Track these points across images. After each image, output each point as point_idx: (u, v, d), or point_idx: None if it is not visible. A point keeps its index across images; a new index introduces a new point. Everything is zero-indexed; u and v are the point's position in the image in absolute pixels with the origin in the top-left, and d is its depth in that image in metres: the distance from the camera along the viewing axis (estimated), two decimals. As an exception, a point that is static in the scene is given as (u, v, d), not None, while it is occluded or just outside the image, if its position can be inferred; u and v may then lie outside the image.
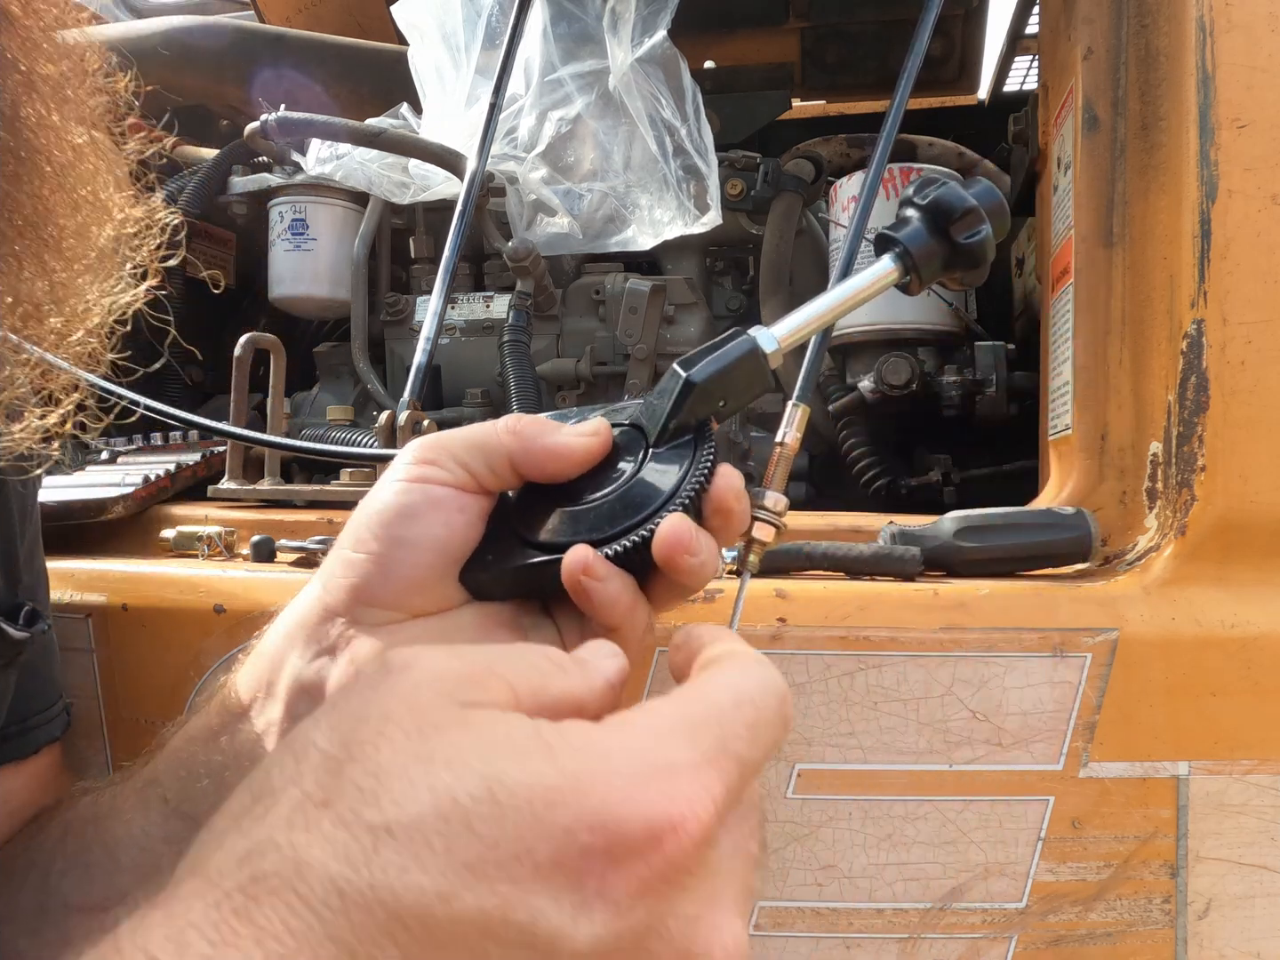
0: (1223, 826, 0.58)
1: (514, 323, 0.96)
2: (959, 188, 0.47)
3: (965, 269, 0.48)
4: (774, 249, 1.06)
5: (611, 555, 0.41)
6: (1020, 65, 1.61)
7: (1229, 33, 0.60)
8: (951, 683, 0.57)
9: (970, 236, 0.46)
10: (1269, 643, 0.58)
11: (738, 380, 0.44)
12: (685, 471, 0.42)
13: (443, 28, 0.97)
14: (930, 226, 0.47)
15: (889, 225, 0.48)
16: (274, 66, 1.21)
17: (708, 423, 0.44)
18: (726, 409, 0.44)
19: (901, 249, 0.47)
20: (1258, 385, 0.59)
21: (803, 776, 0.58)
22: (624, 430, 0.45)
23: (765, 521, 0.47)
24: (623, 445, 0.45)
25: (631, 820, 0.27)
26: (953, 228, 0.46)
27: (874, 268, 0.47)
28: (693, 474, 0.42)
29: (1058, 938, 0.58)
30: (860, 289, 0.47)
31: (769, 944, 0.58)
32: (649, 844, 0.27)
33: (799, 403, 0.49)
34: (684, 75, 0.95)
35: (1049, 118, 0.80)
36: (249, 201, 1.20)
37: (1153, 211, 0.65)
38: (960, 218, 0.46)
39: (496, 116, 0.70)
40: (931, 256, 0.47)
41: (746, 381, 0.45)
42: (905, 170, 0.99)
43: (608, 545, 0.41)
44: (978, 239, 0.46)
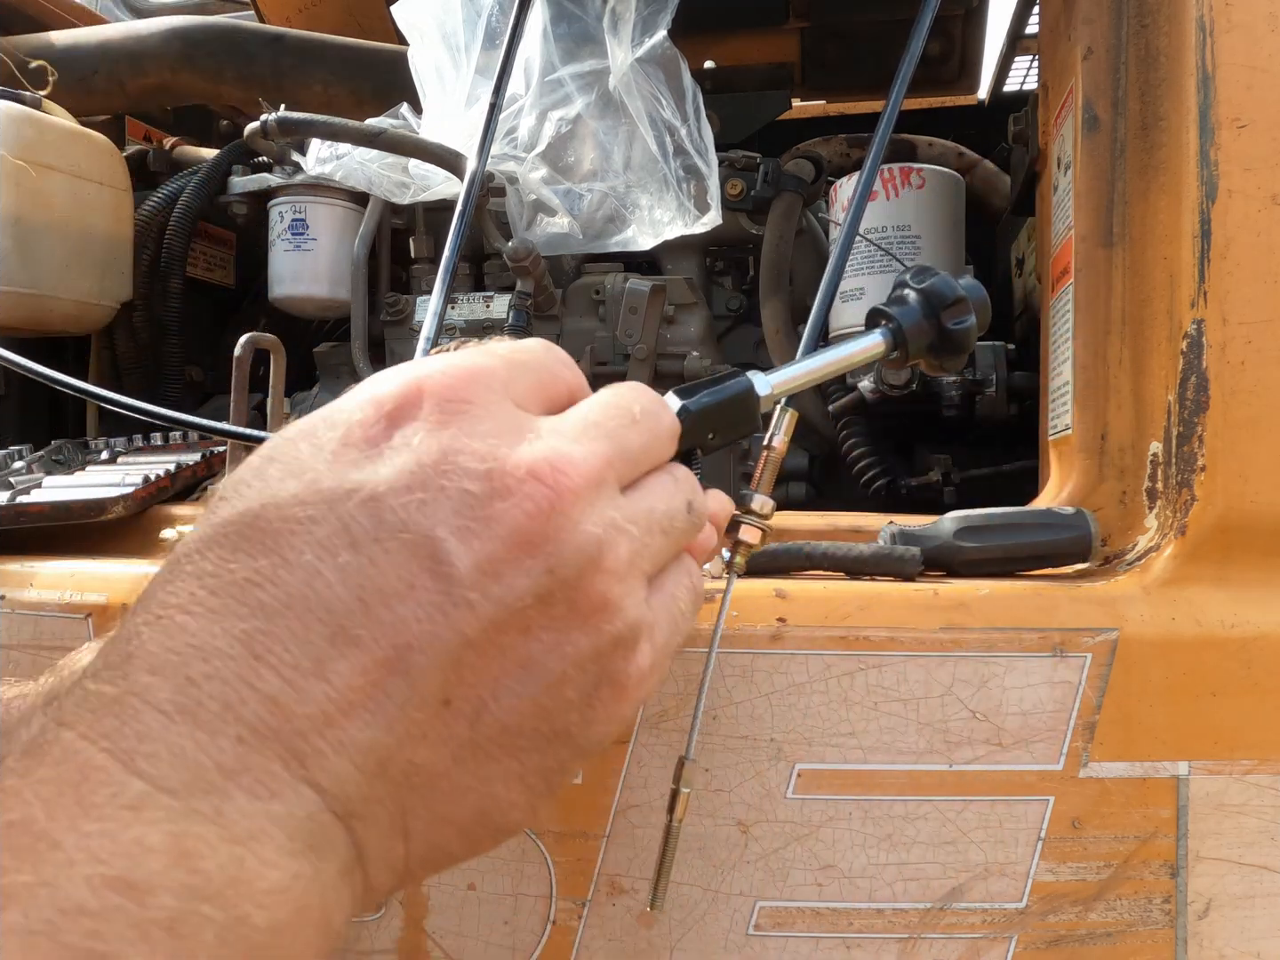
0: (1223, 826, 0.58)
1: (514, 323, 0.96)
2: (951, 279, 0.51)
3: (948, 354, 0.51)
4: (774, 249, 1.06)
5: None
6: (1020, 65, 1.61)
7: (1229, 33, 0.60)
8: (951, 683, 0.57)
9: (958, 324, 0.50)
10: (1269, 643, 0.58)
11: (729, 417, 0.46)
12: None
13: (443, 28, 0.97)
14: (924, 309, 0.51)
15: (885, 302, 0.52)
16: (274, 66, 1.21)
17: (695, 451, 0.45)
18: (713, 442, 0.46)
19: (895, 325, 0.51)
20: (1258, 385, 0.59)
21: (803, 776, 0.58)
22: None
23: (752, 525, 0.48)
24: None
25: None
26: (944, 313, 0.50)
27: (865, 339, 0.51)
28: None
29: (1058, 938, 0.58)
30: (851, 355, 0.51)
31: (769, 944, 0.58)
32: (411, 399, 0.29)
33: (788, 408, 0.51)
34: (684, 75, 0.95)
35: (1049, 118, 0.80)
36: (249, 201, 1.20)
37: (1153, 211, 0.65)
38: (951, 305, 0.50)
39: (496, 116, 0.70)
40: (920, 336, 0.51)
41: (736, 419, 0.47)
42: (905, 170, 0.99)
43: None
44: (964, 327, 0.50)
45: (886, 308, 0.52)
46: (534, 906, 0.59)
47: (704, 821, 0.58)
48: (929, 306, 0.51)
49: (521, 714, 0.28)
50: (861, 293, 1.00)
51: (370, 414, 0.29)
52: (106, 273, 1.10)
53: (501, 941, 0.59)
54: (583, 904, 0.59)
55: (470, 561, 0.27)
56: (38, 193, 1.00)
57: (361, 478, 0.27)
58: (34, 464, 0.88)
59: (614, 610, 0.30)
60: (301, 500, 0.27)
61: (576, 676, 0.29)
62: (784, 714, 0.58)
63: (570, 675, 0.29)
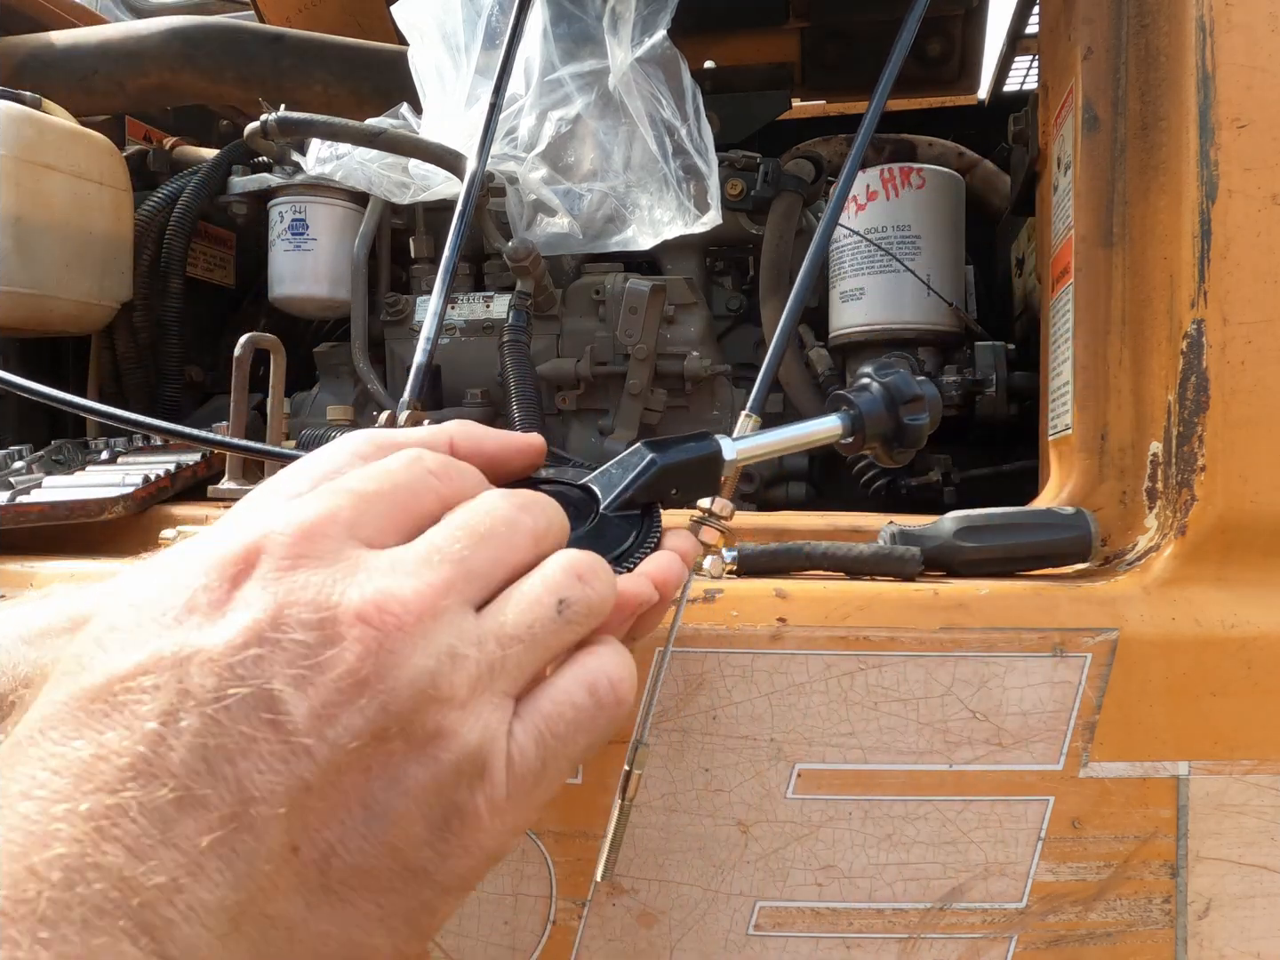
0: (1223, 826, 0.58)
1: (514, 323, 0.96)
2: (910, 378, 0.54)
3: (900, 446, 0.55)
4: (774, 249, 1.06)
5: None
6: (1020, 65, 1.61)
7: (1229, 33, 0.60)
8: (951, 683, 0.57)
9: (914, 419, 0.54)
10: (1269, 643, 0.58)
11: (694, 475, 0.49)
12: (636, 539, 0.44)
13: (443, 28, 0.97)
14: (884, 401, 0.54)
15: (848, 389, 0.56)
16: (274, 66, 1.21)
17: (656, 504, 0.47)
18: (675, 497, 0.48)
19: (855, 412, 0.54)
20: (1258, 385, 0.59)
21: (803, 776, 0.58)
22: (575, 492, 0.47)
23: (711, 526, 0.51)
24: (574, 504, 0.46)
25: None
26: (902, 408, 0.54)
27: (826, 421, 0.54)
28: (644, 542, 0.44)
29: (1058, 938, 0.58)
30: (810, 435, 0.54)
31: (769, 944, 0.58)
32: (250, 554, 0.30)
33: (751, 414, 0.54)
34: (684, 75, 0.95)
35: (1049, 118, 0.80)
36: (249, 201, 1.20)
37: (1153, 211, 0.65)
38: (909, 401, 0.54)
39: (496, 116, 0.70)
40: (877, 425, 0.54)
41: (700, 478, 0.49)
42: (905, 170, 0.99)
43: None
44: (919, 423, 0.54)
45: (849, 394, 0.55)
46: (534, 906, 0.59)
47: (704, 821, 0.58)
48: (889, 400, 0.54)
49: (371, 854, 0.28)
50: (861, 292, 1.00)
51: (214, 578, 0.30)
52: (106, 273, 1.10)
53: (501, 941, 0.59)
54: (583, 904, 0.59)
55: (306, 709, 0.27)
56: (38, 193, 1.00)
57: (202, 640, 0.28)
58: (34, 464, 0.88)
59: (450, 737, 0.29)
60: (144, 669, 0.28)
61: (421, 811, 0.29)
62: (784, 714, 0.58)
63: (414, 811, 0.29)
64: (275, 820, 0.26)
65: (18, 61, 1.22)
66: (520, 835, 0.34)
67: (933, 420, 0.55)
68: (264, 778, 0.26)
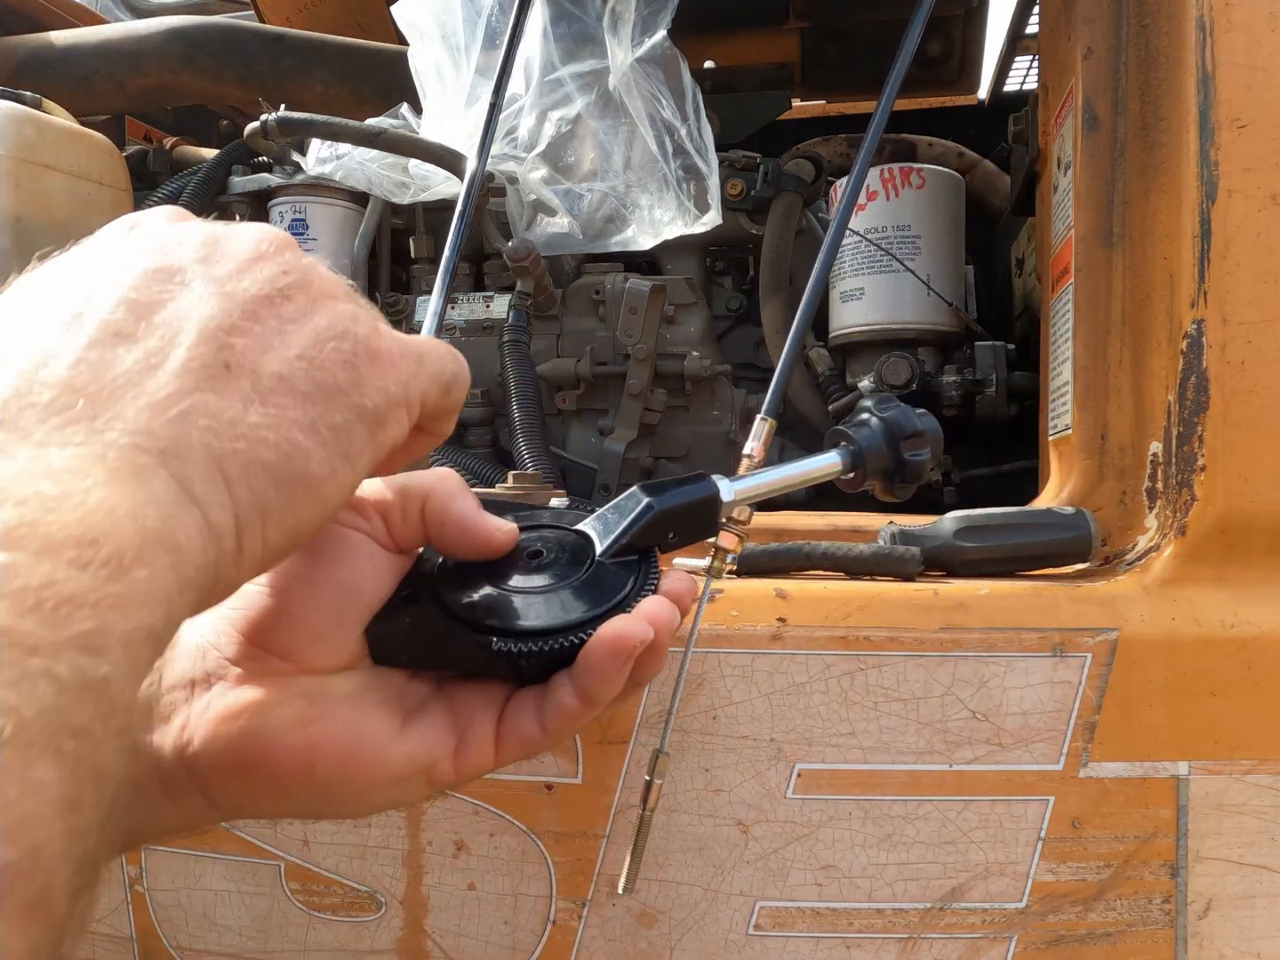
0: (1223, 826, 0.58)
1: (514, 323, 0.96)
2: (911, 412, 0.53)
3: (901, 481, 0.54)
4: (774, 249, 1.06)
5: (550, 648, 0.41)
6: (1020, 65, 1.61)
7: (1229, 33, 0.60)
8: (951, 683, 0.57)
9: (915, 455, 0.53)
10: (1269, 643, 0.58)
11: (691, 519, 0.48)
12: (633, 586, 0.44)
13: (443, 28, 0.97)
14: (884, 436, 0.53)
15: (847, 424, 0.55)
16: (274, 66, 1.21)
17: (653, 549, 0.46)
18: (672, 542, 0.47)
19: (855, 448, 0.53)
20: (1258, 385, 0.59)
21: (803, 776, 0.58)
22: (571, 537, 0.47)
23: (730, 531, 0.50)
24: (570, 549, 0.46)
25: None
26: (902, 444, 0.53)
27: (825, 458, 0.54)
28: (641, 589, 0.44)
29: (1058, 938, 0.58)
30: (810, 472, 0.53)
31: (769, 944, 0.58)
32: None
33: (766, 417, 0.53)
34: (684, 75, 0.95)
35: (1049, 118, 0.80)
36: (249, 201, 1.20)
37: (1153, 211, 0.65)
38: (910, 437, 0.53)
39: (496, 116, 0.70)
40: (877, 460, 0.53)
41: (698, 522, 0.48)
42: (905, 170, 0.99)
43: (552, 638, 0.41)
44: (919, 459, 0.53)
45: (848, 429, 0.54)
46: (534, 906, 0.59)
47: (704, 821, 0.58)
48: (889, 435, 0.53)
49: (291, 366, 0.34)
50: (861, 292, 1.00)
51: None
52: (106, 273, 1.10)
53: (501, 941, 0.59)
54: (583, 904, 0.59)
55: (230, 268, 0.34)
56: (38, 193, 1.00)
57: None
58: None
59: (337, 298, 0.36)
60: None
61: (329, 341, 0.35)
62: (784, 714, 0.58)
63: (323, 339, 0.35)
64: (204, 338, 0.32)
65: (18, 61, 1.22)
66: (414, 403, 0.39)
67: (934, 455, 0.54)
68: (197, 309, 0.33)
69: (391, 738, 0.41)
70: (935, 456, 0.54)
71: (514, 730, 0.42)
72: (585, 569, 0.44)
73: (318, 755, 0.39)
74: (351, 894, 0.61)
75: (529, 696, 0.43)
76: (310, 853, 0.61)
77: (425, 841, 0.60)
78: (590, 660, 0.40)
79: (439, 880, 0.60)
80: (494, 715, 0.43)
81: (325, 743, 0.39)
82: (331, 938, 0.61)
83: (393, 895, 0.60)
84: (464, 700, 0.43)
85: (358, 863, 0.61)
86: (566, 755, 0.59)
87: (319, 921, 0.61)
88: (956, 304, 1.00)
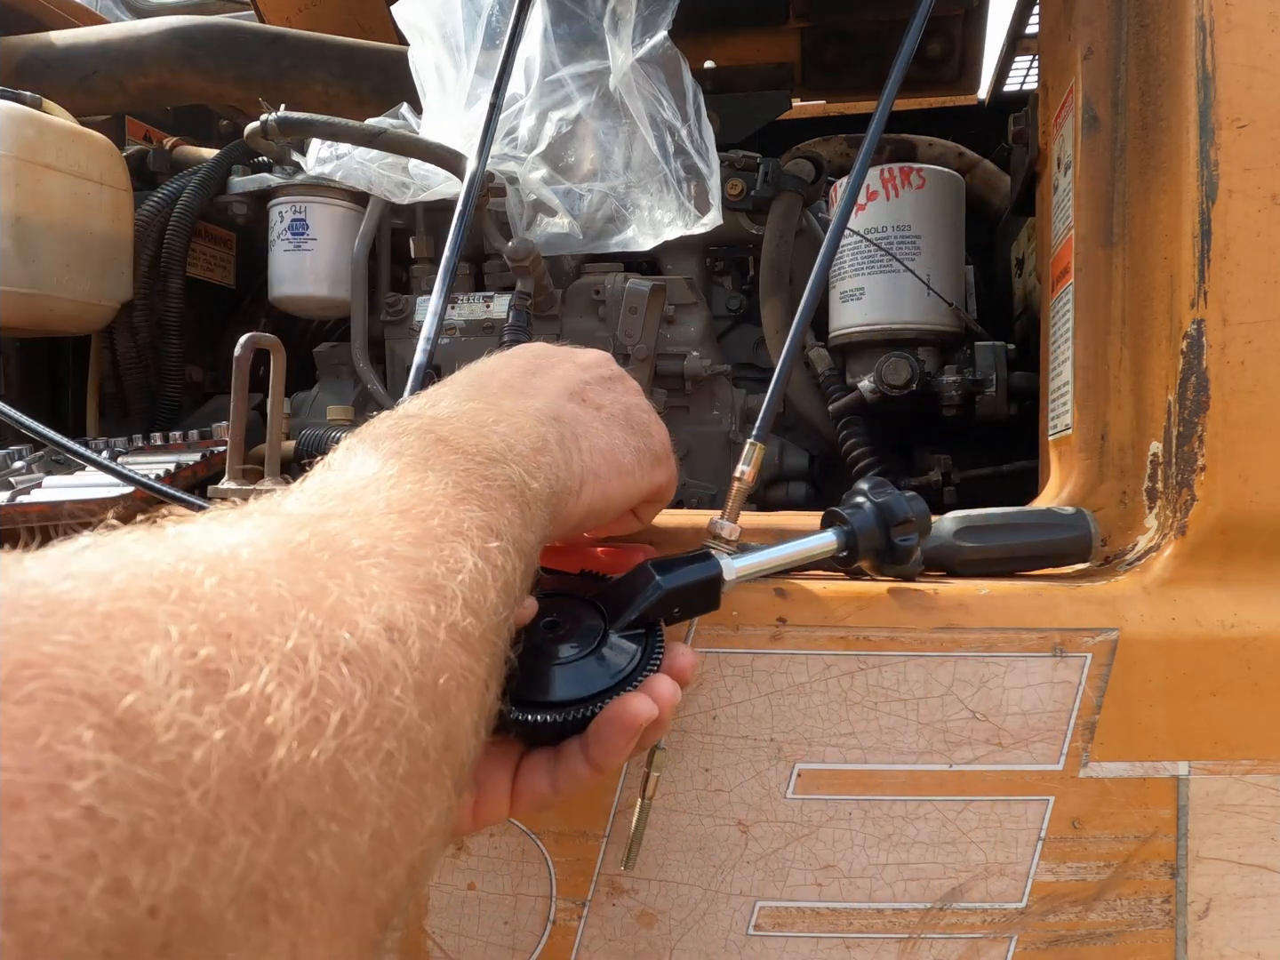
0: (1223, 826, 0.58)
1: (514, 323, 0.96)
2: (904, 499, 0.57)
3: (890, 562, 0.58)
4: (774, 249, 1.06)
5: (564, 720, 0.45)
6: (1020, 65, 1.61)
7: (1229, 33, 0.60)
8: (951, 683, 0.57)
9: (904, 540, 0.57)
10: (1269, 643, 0.58)
11: (696, 595, 0.52)
12: (641, 659, 0.48)
13: (443, 28, 0.97)
14: (876, 520, 0.57)
15: (842, 507, 0.59)
16: (274, 66, 1.21)
17: (659, 623, 0.50)
18: (676, 615, 0.52)
19: (849, 529, 0.57)
20: (1258, 385, 0.59)
21: (803, 776, 0.58)
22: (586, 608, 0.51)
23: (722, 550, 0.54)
24: (584, 619, 0.50)
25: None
26: (893, 529, 0.57)
27: (822, 537, 0.57)
28: (649, 662, 0.47)
29: (1058, 938, 0.58)
30: (807, 550, 0.57)
31: (769, 944, 0.58)
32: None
33: (756, 441, 0.57)
34: (685, 75, 0.95)
35: (1049, 118, 0.80)
36: (249, 201, 1.20)
37: (1153, 211, 0.65)
38: (901, 523, 0.57)
39: (496, 116, 0.70)
40: (869, 541, 0.57)
41: (701, 598, 0.53)
42: (905, 170, 0.99)
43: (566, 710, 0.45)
44: (909, 544, 0.57)
45: (843, 511, 0.58)
46: (534, 906, 0.59)
47: (704, 821, 0.58)
48: (881, 519, 0.57)
49: (616, 409, 0.53)
50: (861, 293, 1.00)
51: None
52: (106, 273, 1.10)
53: (501, 941, 0.59)
54: (583, 904, 0.59)
55: (581, 360, 0.56)
56: (38, 193, 1.00)
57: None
58: (34, 464, 0.88)
59: (641, 393, 0.58)
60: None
61: (636, 408, 0.55)
62: (784, 714, 0.58)
63: (632, 405, 0.55)
64: (571, 389, 0.53)
65: (18, 61, 1.22)
66: (664, 468, 0.56)
67: (921, 535, 0.58)
68: (566, 377, 0.54)
69: None
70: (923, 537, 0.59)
71: (528, 789, 0.47)
72: (597, 641, 0.49)
73: None
74: (351, 894, 0.61)
75: (542, 758, 0.47)
76: (310, 853, 0.61)
77: (425, 841, 0.60)
78: (600, 734, 0.44)
79: (439, 880, 0.60)
80: (509, 773, 0.47)
81: None
82: (331, 938, 0.61)
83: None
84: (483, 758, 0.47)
85: (358, 863, 0.61)
86: (566, 755, 0.59)
87: (319, 921, 0.61)
88: (956, 304, 1.00)
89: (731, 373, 1.07)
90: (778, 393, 0.59)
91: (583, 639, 0.49)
